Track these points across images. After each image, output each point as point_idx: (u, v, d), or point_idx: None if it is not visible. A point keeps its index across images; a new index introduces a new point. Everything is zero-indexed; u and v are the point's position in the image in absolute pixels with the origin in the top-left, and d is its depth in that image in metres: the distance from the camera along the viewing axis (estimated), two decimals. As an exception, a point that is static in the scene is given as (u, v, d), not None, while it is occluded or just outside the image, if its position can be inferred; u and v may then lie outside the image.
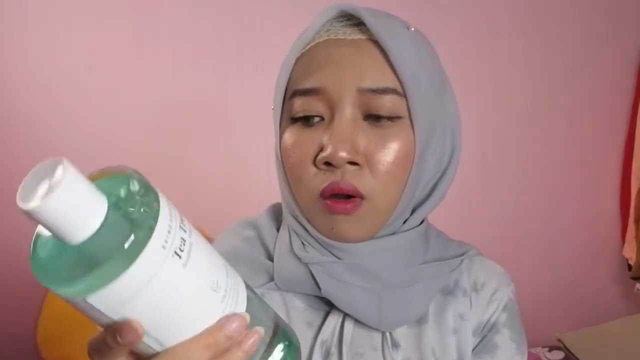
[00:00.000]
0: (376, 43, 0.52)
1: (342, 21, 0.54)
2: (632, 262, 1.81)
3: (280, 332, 0.37)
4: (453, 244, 0.64)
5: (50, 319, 1.58)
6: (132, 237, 0.27)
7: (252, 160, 1.68)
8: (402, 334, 0.57)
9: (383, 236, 0.56)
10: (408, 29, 0.54)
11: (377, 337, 0.56)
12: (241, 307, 0.35)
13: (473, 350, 0.58)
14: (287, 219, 0.58)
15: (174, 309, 0.31)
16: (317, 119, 0.52)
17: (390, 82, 0.51)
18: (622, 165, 1.87)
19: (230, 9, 1.66)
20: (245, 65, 1.68)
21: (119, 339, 0.30)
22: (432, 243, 0.61)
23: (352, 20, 0.54)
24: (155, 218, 0.29)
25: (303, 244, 0.56)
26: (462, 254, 0.61)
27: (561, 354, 1.66)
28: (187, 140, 1.72)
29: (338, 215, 0.52)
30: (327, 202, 0.51)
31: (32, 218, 0.26)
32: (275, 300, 0.58)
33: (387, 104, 0.51)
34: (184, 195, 1.72)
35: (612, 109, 1.84)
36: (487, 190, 1.81)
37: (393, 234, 0.56)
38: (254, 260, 0.59)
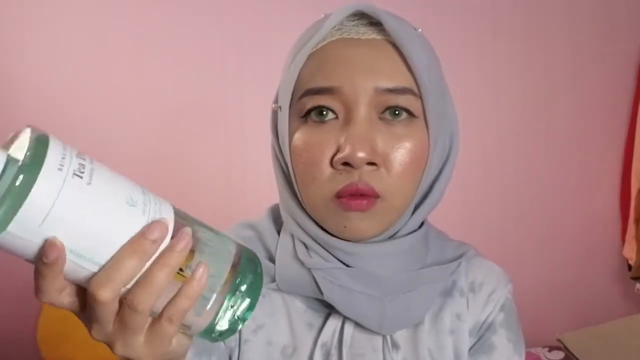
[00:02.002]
0: (391, 43, 0.52)
1: (353, 20, 0.54)
2: (632, 262, 1.81)
3: (241, 265, 0.39)
4: (452, 244, 0.63)
5: (50, 319, 1.58)
6: (27, 160, 0.32)
7: (252, 160, 1.68)
8: (400, 334, 0.57)
9: (386, 240, 0.56)
10: (415, 30, 0.55)
11: (378, 338, 0.57)
12: (167, 217, 0.37)
13: (470, 350, 0.58)
14: (288, 224, 0.58)
15: (90, 223, 0.34)
16: (331, 118, 0.52)
17: (407, 82, 0.51)
18: (622, 165, 1.87)
19: (231, 10, 1.66)
20: (246, 66, 1.68)
21: (44, 259, 0.32)
22: (432, 245, 0.60)
23: (364, 19, 0.53)
24: (45, 148, 0.33)
25: (307, 247, 0.56)
26: (461, 256, 0.61)
27: (561, 354, 1.66)
28: (188, 139, 1.72)
29: (353, 212, 0.51)
30: (343, 199, 0.51)
31: None
32: (275, 300, 0.58)
33: (403, 103, 0.51)
34: (184, 195, 1.72)
35: (612, 109, 1.84)
36: (487, 190, 1.81)
37: (393, 237, 0.56)
38: None
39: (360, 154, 0.49)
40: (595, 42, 1.79)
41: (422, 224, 0.60)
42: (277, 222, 0.62)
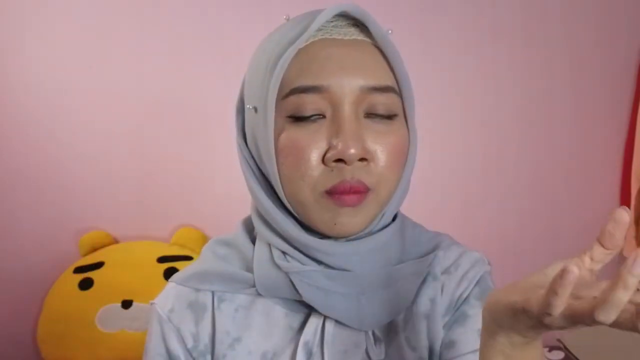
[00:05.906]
0: (372, 44, 0.54)
1: (332, 21, 0.54)
2: (632, 262, 1.81)
3: None
4: (428, 236, 0.64)
5: (50, 319, 1.58)
6: None
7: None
8: (380, 327, 0.58)
9: (364, 237, 0.56)
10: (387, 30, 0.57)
11: (360, 334, 0.57)
12: None
13: (445, 325, 0.59)
14: (263, 232, 0.58)
15: None
16: (318, 116, 0.52)
17: (390, 81, 0.54)
18: (622, 165, 1.87)
19: (230, 9, 1.66)
20: (246, 65, 1.68)
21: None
22: (408, 238, 0.61)
23: (342, 20, 0.54)
24: None
25: (283, 253, 0.57)
26: (436, 246, 0.62)
27: (561, 354, 1.66)
28: (187, 139, 1.72)
29: (345, 208, 0.52)
30: (335, 195, 0.52)
31: None
32: (252, 311, 0.59)
33: (387, 101, 0.53)
34: (183, 195, 1.72)
35: (612, 109, 1.84)
36: (487, 191, 1.81)
37: (370, 233, 0.57)
38: (232, 274, 0.59)
39: (353, 151, 0.50)
40: (595, 43, 1.79)
41: (395, 216, 0.61)
42: (252, 233, 0.63)
